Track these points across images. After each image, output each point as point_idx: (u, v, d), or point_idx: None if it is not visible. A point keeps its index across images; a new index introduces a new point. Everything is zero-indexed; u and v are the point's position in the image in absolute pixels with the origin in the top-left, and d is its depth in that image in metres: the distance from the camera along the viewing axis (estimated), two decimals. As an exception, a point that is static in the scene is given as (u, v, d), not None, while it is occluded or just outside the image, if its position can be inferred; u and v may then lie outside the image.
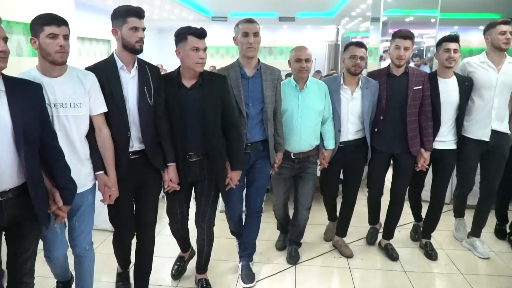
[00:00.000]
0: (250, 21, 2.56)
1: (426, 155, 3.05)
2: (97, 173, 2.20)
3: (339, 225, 3.39)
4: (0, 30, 1.69)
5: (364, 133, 3.05)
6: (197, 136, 2.41)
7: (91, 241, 2.32)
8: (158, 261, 2.78)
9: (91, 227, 2.30)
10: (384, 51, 7.74)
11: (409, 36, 2.89)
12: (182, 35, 2.34)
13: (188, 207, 2.69)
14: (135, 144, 2.29)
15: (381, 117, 3.00)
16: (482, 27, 10.28)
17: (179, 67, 2.43)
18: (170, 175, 2.40)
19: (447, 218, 3.80)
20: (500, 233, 3.61)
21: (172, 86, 2.39)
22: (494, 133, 3.06)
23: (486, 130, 3.06)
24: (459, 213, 3.58)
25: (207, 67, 2.69)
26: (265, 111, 2.65)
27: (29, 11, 3.73)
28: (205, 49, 2.34)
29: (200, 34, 2.32)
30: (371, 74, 3.13)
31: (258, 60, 2.68)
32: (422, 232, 3.46)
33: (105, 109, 2.17)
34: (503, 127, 3.09)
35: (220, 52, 15.71)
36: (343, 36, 13.88)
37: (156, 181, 2.44)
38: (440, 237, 3.56)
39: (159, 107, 2.33)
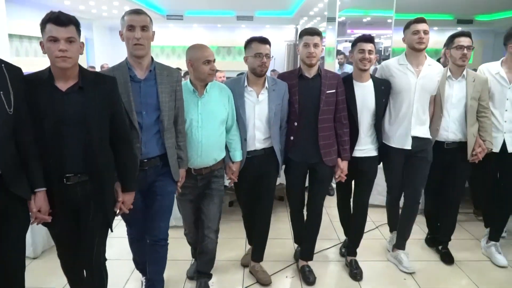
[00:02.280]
0: (137, 12, 2.16)
1: (343, 165, 2.81)
2: None
3: (255, 248, 3.00)
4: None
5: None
6: (78, 153, 1.92)
7: None
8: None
9: None
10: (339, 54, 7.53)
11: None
12: (41, 24, 1.86)
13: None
14: None
15: (295, 124, 2.72)
16: (436, 28, 10.39)
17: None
18: (38, 204, 1.88)
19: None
20: (431, 241, 3.44)
21: (43, 89, 1.88)
22: (416, 139, 2.88)
23: (407, 138, 2.86)
24: (392, 226, 3.34)
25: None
26: (161, 120, 2.24)
27: None
28: (70, 40, 1.83)
29: (57, 19, 1.81)
30: (282, 76, 2.85)
31: (152, 59, 2.26)
32: (346, 249, 3.19)
33: None
34: (424, 133, 2.91)
35: (176, 52, 15.16)
36: (303, 36, 13.63)
37: (19, 213, 1.88)
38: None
39: (22, 117, 1.82)
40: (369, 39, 2.73)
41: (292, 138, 2.76)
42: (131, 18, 2.14)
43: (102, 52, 13.66)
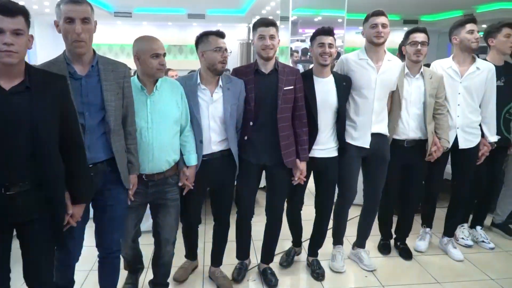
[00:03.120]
0: (76, 1, 1.89)
1: (302, 166, 2.68)
2: None
3: (214, 253, 2.89)
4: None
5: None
6: (22, 159, 1.70)
7: None
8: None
9: None
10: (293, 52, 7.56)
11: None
12: None
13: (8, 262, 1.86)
14: None
15: (251, 123, 2.56)
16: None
17: None
18: None
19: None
20: (384, 247, 3.38)
21: None
22: (375, 136, 2.83)
23: (367, 137, 2.80)
24: (337, 239, 3.20)
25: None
26: (107, 121, 2.02)
27: None
28: (17, 33, 1.63)
29: (3, 8, 1.60)
30: (237, 71, 2.68)
31: (94, 52, 2.04)
32: (308, 249, 3.14)
33: None
34: (383, 129, 2.88)
35: (126, 50, 14.59)
36: (256, 35, 13.60)
37: None
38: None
39: None
40: (328, 31, 2.62)
41: (246, 138, 2.60)
42: (69, 8, 1.87)
43: (44, 50, 12.93)
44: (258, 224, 2.96)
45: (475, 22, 2.98)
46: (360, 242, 3.18)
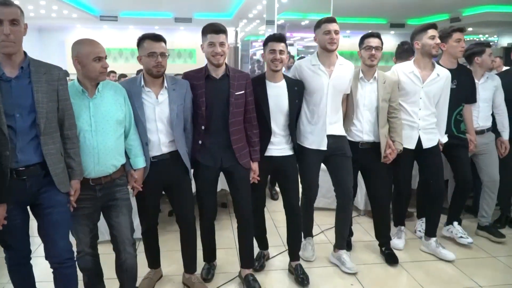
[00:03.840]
0: (4, 3, 1.87)
1: (254, 166, 2.73)
2: None
3: (185, 258, 2.81)
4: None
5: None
6: None
7: None
8: None
9: None
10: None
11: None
12: None
13: None
14: None
15: (203, 127, 2.57)
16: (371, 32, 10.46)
17: None
18: None
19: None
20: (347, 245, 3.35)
21: None
22: (331, 137, 2.87)
23: (323, 139, 2.85)
24: (307, 232, 3.27)
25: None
26: (37, 124, 1.97)
27: None
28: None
29: None
30: (187, 76, 2.65)
31: (25, 54, 2.01)
32: (289, 255, 3.06)
33: None
34: (339, 130, 2.92)
35: (112, 55, 14.48)
36: (243, 39, 13.62)
37: None
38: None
39: None
40: (279, 38, 2.65)
41: (200, 142, 2.60)
42: None
43: (30, 54, 12.76)
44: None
45: (436, 28, 3.07)
46: (339, 243, 3.13)
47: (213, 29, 2.47)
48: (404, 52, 3.87)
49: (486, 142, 3.48)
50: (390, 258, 3.21)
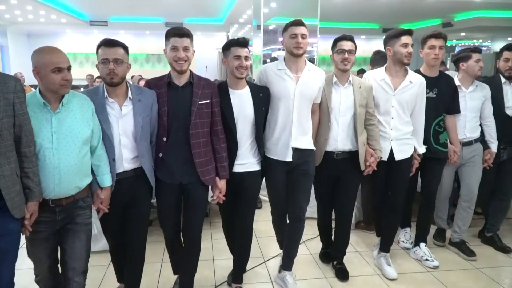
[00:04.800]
0: None
1: (221, 184, 2.51)
2: None
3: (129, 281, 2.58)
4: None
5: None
6: None
7: None
8: None
9: None
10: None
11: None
12: None
13: None
14: None
15: (164, 139, 2.37)
16: (364, 37, 10.72)
17: None
18: None
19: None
20: (325, 256, 3.27)
21: None
22: (297, 151, 2.66)
23: (288, 150, 2.64)
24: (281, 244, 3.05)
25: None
26: None
27: None
28: None
29: None
30: (149, 83, 2.47)
31: None
32: (232, 277, 2.90)
33: None
34: (306, 144, 2.70)
35: (103, 59, 14.41)
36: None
37: None
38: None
39: None
40: (244, 43, 2.47)
41: (160, 155, 2.40)
42: None
43: (18, 60, 12.63)
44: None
45: (411, 34, 2.86)
46: (285, 264, 2.90)
47: (176, 32, 2.30)
48: (380, 59, 3.76)
49: (473, 155, 3.29)
50: (341, 273, 3.06)
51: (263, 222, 2.95)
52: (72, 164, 2.03)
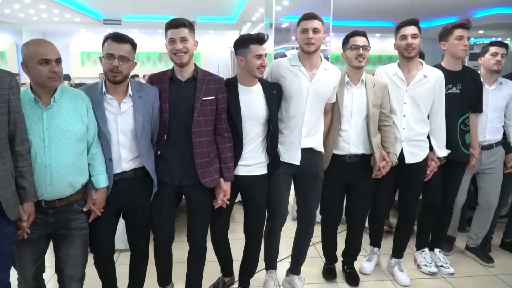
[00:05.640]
0: None
1: (226, 186, 2.34)
2: None
3: None
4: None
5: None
6: None
7: None
8: None
9: None
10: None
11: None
12: None
13: None
14: None
15: (165, 137, 2.24)
16: (378, 35, 10.49)
17: None
18: None
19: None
20: (328, 272, 3.01)
21: None
22: (306, 151, 2.50)
23: (297, 152, 2.49)
24: (270, 264, 2.83)
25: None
26: None
27: None
28: None
29: None
30: (152, 78, 2.36)
31: None
32: (239, 279, 2.79)
33: None
34: (316, 145, 2.55)
35: (116, 58, 14.49)
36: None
37: None
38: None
39: None
40: (263, 40, 2.31)
41: (159, 153, 2.28)
42: None
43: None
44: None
45: (414, 24, 2.64)
46: (294, 269, 2.81)
47: (172, 24, 2.16)
48: None
49: (493, 160, 3.06)
50: (351, 278, 2.93)
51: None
52: (65, 162, 1.94)
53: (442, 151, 2.81)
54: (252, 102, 2.37)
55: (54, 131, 1.91)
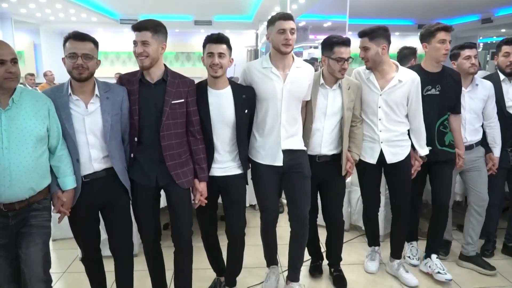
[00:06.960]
0: None
1: (201, 186, 2.33)
2: None
3: None
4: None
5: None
6: None
7: None
8: None
9: None
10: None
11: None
12: None
13: None
14: None
15: (135, 139, 2.22)
16: (398, 33, 10.31)
17: None
18: None
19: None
20: (315, 270, 2.97)
21: None
22: (287, 152, 2.44)
23: (278, 154, 2.43)
24: (270, 261, 2.83)
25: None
26: None
27: None
28: None
29: None
30: (121, 79, 2.30)
31: None
32: (225, 279, 2.71)
33: None
34: (297, 144, 2.49)
35: (133, 58, 14.41)
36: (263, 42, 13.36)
37: None
38: None
39: None
40: (218, 39, 2.25)
41: (132, 155, 2.25)
42: None
43: (51, 58, 12.90)
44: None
45: (361, 36, 2.60)
46: (292, 275, 2.68)
47: (135, 26, 2.13)
48: (404, 58, 3.50)
49: (474, 159, 3.00)
50: (339, 281, 2.84)
51: (284, 228, 2.72)
52: (24, 165, 1.88)
53: (424, 150, 2.76)
54: (221, 106, 2.32)
55: (13, 132, 1.86)
